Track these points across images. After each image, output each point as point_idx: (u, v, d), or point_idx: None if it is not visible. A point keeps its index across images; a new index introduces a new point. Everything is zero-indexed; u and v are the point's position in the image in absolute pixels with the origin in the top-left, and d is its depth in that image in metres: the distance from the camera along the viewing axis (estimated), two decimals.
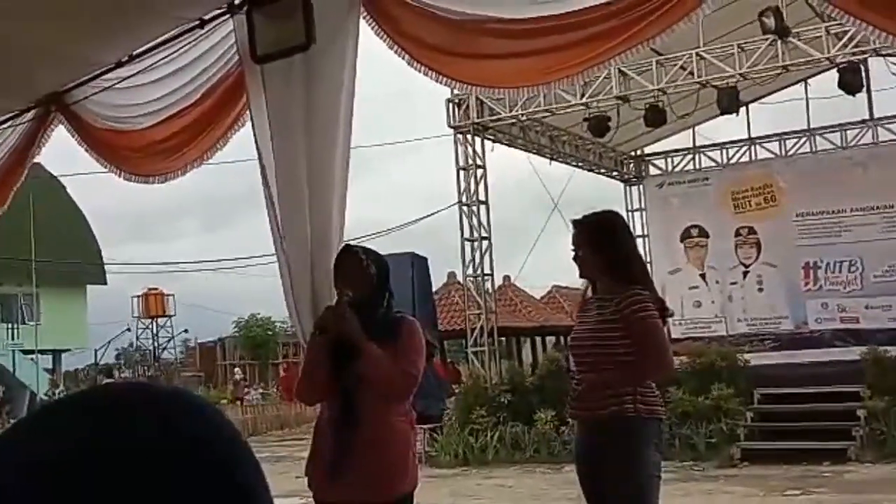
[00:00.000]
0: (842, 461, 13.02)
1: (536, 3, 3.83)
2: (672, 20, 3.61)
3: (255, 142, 4.54)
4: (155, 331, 42.14)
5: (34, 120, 5.33)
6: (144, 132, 5.05)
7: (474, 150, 17.36)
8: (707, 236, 19.06)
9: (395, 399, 4.15)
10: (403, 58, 4.23)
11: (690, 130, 19.56)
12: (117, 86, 4.93)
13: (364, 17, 4.26)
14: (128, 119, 5.09)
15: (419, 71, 4.25)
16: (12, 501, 0.66)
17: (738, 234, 18.75)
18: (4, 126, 5.42)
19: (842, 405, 14.11)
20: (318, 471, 4.09)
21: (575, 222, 4.52)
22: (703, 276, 19.09)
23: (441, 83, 4.53)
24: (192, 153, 4.98)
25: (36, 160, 5.66)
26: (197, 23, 4.61)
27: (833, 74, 15.31)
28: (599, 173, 20.51)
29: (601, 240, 4.40)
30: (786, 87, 18.18)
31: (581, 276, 4.59)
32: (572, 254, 4.48)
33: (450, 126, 17.31)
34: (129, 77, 4.88)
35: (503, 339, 20.64)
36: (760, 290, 18.51)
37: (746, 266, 18.69)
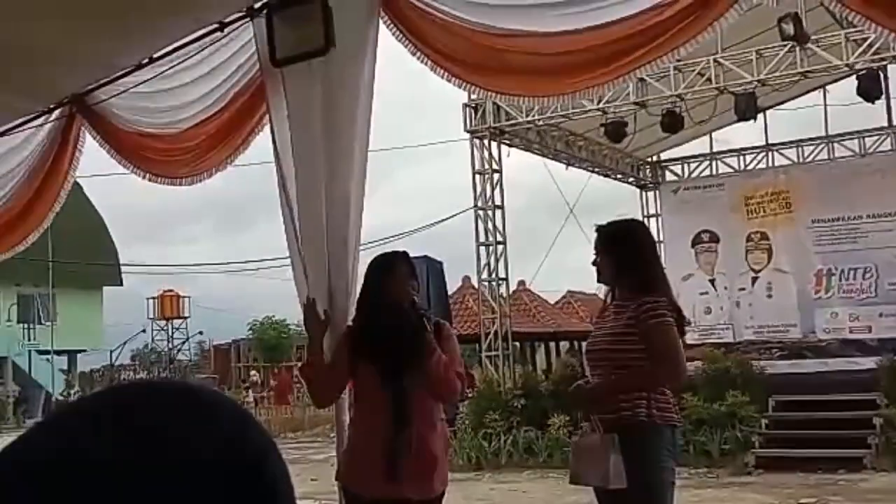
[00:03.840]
0: (857, 469, 12.94)
1: (562, 17, 3.84)
2: (694, 32, 3.62)
3: (274, 145, 4.55)
4: (170, 332, 42.26)
5: (59, 124, 5.35)
6: (177, 136, 5.09)
7: (490, 155, 17.34)
8: (718, 241, 18.95)
9: (447, 399, 4.41)
10: (426, 64, 4.25)
11: (708, 136, 19.50)
12: (146, 89, 4.96)
13: (385, 23, 4.27)
14: (160, 123, 5.13)
15: (442, 77, 4.28)
16: (10, 502, 0.66)
17: (749, 239, 18.64)
18: (24, 128, 5.44)
19: (857, 413, 14.03)
20: (374, 470, 4.13)
21: (597, 228, 4.55)
22: (712, 281, 18.99)
23: (463, 89, 4.57)
24: (219, 155, 5.02)
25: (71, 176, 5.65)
26: (216, 26, 4.63)
27: (852, 81, 15.23)
28: (616, 179, 20.47)
29: (618, 247, 4.43)
30: (804, 93, 18.09)
31: (598, 280, 4.62)
32: (592, 258, 4.52)
33: (466, 130, 17.30)
34: (151, 80, 4.91)
35: (517, 343, 20.60)
36: (770, 296, 18.38)
37: (756, 272, 18.57)
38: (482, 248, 17.47)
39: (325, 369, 4.34)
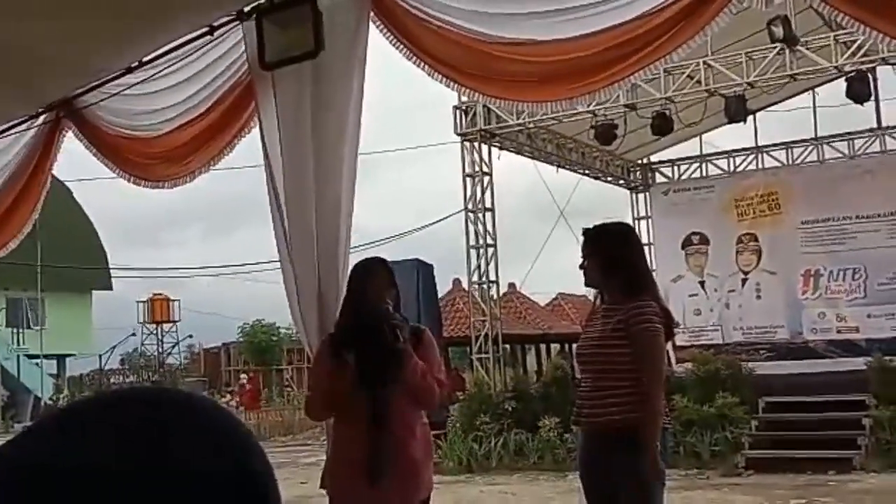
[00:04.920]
0: (847, 470, 12.97)
1: (557, 24, 3.85)
2: (686, 37, 3.64)
3: (263, 148, 4.55)
4: (160, 336, 42.12)
5: (44, 128, 5.34)
6: (157, 139, 5.08)
7: (481, 158, 17.35)
8: (707, 243, 18.98)
9: (427, 406, 4.35)
10: (423, 69, 4.25)
11: (697, 139, 19.53)
12: (131, 93, 4.95)
13: (378, 27, 4.27)
14: (141, 126, 5.12)
15: (440, 81, 4.28)
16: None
17: (739, 241, 18.66)
18: (13, 132, 5.42)
19: (847, 414, 14.07)
20: (355, 477, 4.10)
21: (584, 231, 4.55)
22: (702, 283, 19.01)
23: (459, 92, 4.60)
24: (200, 159, 5.01)
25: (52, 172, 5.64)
26: (206, 30, 4.62)
27: (841, 83, 15.25)
28: (606, 181, 20.48)
29: (605, 250, 4.43)
30: (793, 95, 18.13)
31: (586, 284, 4.63)
32: (580, 262, 4.51)
33: (457, 133, 17.30)
34: (139, 83, 4.89)
35: (507, 346, 20.62)
36: (759, 297, 18.41)
37: (746, 273, 18.60)
38: (473, 251, 17.48)
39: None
